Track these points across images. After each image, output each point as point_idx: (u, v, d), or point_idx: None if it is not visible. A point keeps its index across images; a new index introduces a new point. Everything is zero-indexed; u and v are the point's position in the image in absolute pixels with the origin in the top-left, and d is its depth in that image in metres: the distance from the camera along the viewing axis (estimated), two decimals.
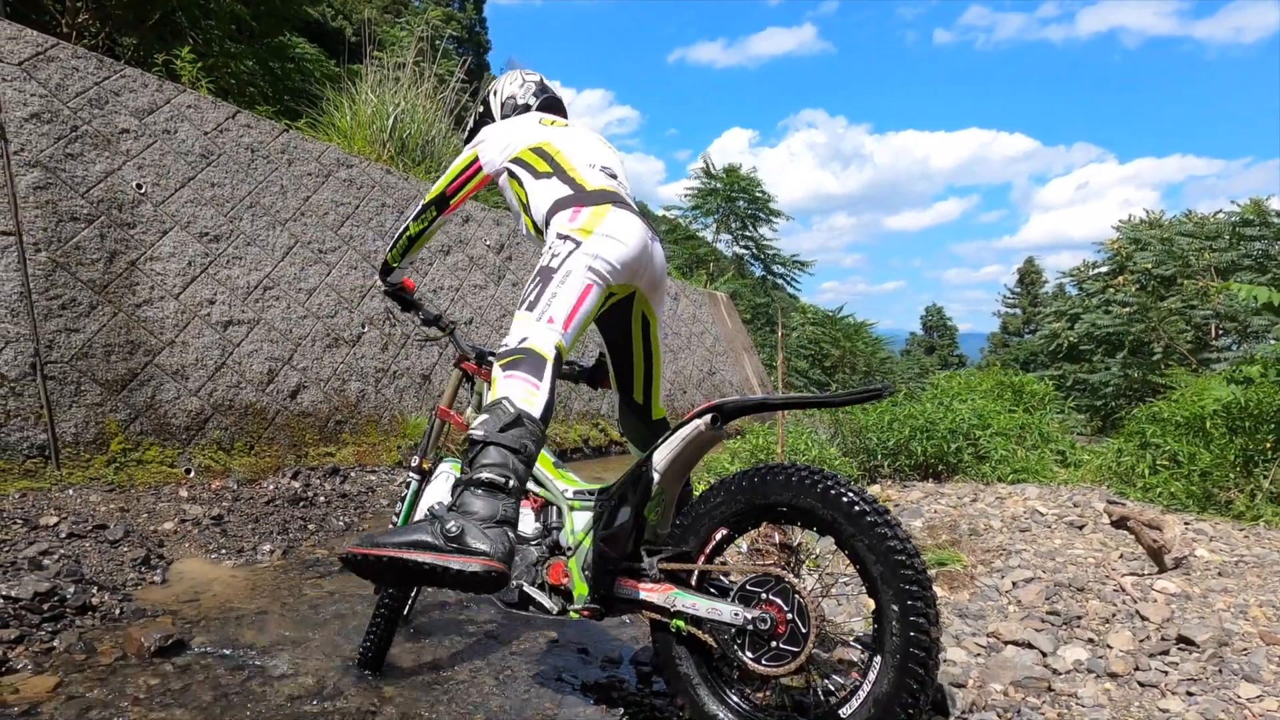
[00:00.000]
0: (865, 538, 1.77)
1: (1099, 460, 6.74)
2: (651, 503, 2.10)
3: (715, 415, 1.97)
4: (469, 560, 1.58)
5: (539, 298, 1.97)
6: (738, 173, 23.50)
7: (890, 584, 1.73)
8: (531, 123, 2.51)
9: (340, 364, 6.03)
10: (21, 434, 4.03)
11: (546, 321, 1.93)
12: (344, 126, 8.19)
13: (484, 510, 1.65)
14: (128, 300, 4.79)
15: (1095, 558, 3.76)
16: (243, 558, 3.78)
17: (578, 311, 1.98)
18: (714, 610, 1.92)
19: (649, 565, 2.05)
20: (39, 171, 4.61)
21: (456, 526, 1.61)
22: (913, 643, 1.70)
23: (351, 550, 1.68)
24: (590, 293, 2.01)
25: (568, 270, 2.00)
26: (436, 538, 1.61)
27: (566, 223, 2.11)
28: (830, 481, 1.84)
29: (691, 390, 12.11)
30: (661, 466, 2.06)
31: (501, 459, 1.71)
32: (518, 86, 2.87)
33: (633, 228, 2.15)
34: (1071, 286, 21.31)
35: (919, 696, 1.69)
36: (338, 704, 2.33)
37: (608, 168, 2.40)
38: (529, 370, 1.83)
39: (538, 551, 2.22)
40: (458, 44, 25.12)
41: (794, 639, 1.83)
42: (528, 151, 2.40)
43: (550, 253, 2.06)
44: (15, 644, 2.53)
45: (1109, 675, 2.49)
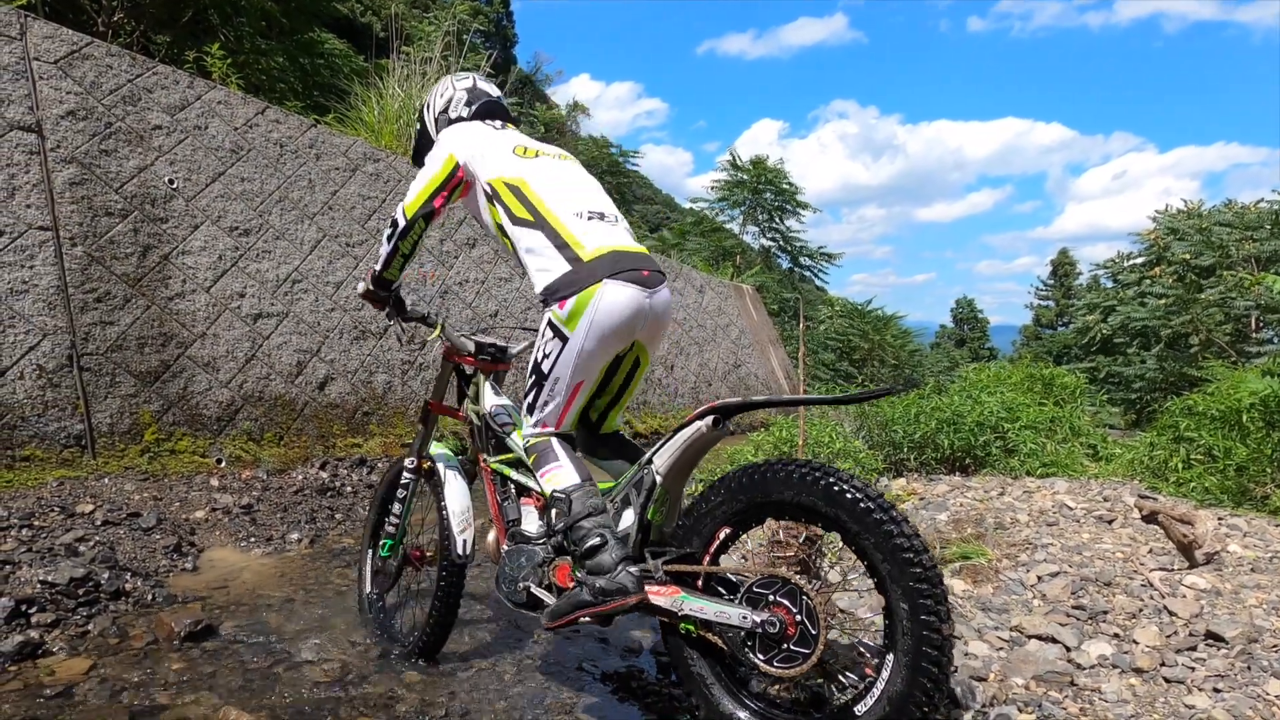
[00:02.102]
0: (871, 535, 1.74)
1: (1131, 454, 6.63)
2: (655, 505, 2.10)
3: (716, 417, 1.99)
4: (624, 601, 1.97)
5: (535, 404, 2.26)
6: (765, 164, 23.34)
7: (899, 581, 1.71)
8: (502, 146, 2.40)
9: (367, 356, 6.10)
10: (59, 424, 4.14)
11: (542, 427, 2.27)
12: (371, 121, 8.26)
13: (608, 561, 2.00)
14: (160, 293, 4.89)
15: (1124, 552, 3.71)
16: (271, 546, 3.85)
17: (570, 407, 2.26)
18: (722, 614, 1.91)
19: (654, 568, 2.04)
20: (75, 168, 4.71)
21: (599, 583, 1.99)
22: (925, 641, 1.68)
23: (550, 625, 2.11)
24: (581, 389, 2.24)
25: (556, 376, 2.20)
26: (596, 596, 2.00)
27: (557, 310, 2.15)
28: (832, 478, 1.81)
29: (717, 383, 12.09)
30: (663, 468, 2.08)
31: (587, 526, 2.06)
32: (447, 100, 2.69)
33: (624, 302, 2.13)
34: (1106, 278, 20.93)
35: (933, 694, 1.68)
36: (361, 690, 2.38)
37: (596, 211, 2.29)
38: (548, 461, 2.21)
39: (543, 552, 2.24)
40: (484, 38, 25.25)
41: (804, 640, 1.82)
42: (501, 185, 2.31)
43: (542, 349, 2.22)
44: (51, 628, 2.60)
45: (1134, 671, 2.45)
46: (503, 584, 2.30)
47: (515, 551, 2.30)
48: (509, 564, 2.29)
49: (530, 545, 2.28)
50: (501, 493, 2.49)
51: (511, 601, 2.27)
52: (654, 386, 10.28)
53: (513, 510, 2.43)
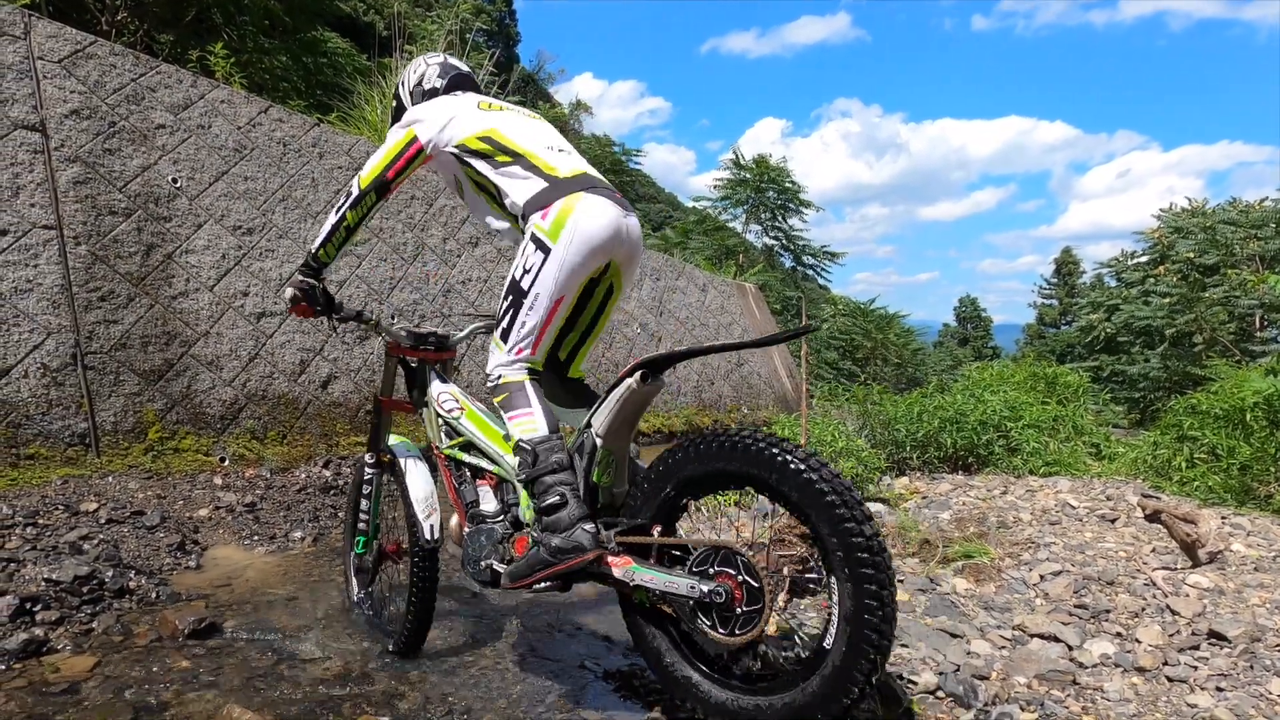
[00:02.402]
0: (796, 490, 1.79)
1: (1134, 453, 6.62)
2: (600, 467, 2.14)
3: (644, 372, 2.02)
4: (580, 559, 2.00)
5: (511, 326, 2.22)
6: (767, 163, 23.32)
7: (816, 508, 1.76)
8: (468, 106, 2.47)
9: (370, 355, 6.11)
10: (63, 422, 4.15)
11: (515, 353, 2.22)
12: (374, 120, 8.26)
13: (564, 520, 2.02)
14: (164, 292, 4.90)
15: (1126, 551, 3.70)
16: (275, 544, 3.86)
17: (548, 328, 2.23)
18: (670, 584, 1.93)
19: (607, 538, 2.05)
20: (78, 167, 4.72)
21: (555, 540, 2.02)
22: (855, 548, 1.71)
23: (510, 586, 2.16)
24: (561, 305, 2.22)
25: (537, 292, 2.18)
26: (553, 554, 2.03)
27: (540, 221, 2.19)
28: (763, 443, 1.85)
29: (720, 381, 12.09)
30: (601, 429, 2.11)
31: (548, 484, 2.06)
32: (421, 74, 2.77)
33: (603, 212, 2.21)
34: (1110, 277, 20.90)
35: (883, 601, 1.69)
36: (364, 688, 2.38)
37: (563, 148, 2.41)
38: (517, 405, 2.19)
39: (501, 529, 2.29)
40: (487, 37, 25.25)
41: (752, 607, 1.84)
42: (475, 140, 2.37)
43: (522, 264, 2.21)
44: (56, 625, 2.61)
45: (1136, 669, 2.45)
46: (467, 565, 2.36)
47: (475, 532, 2.35)
48: (470, 545, 2.34)
49: (488, 524, 2.33)
50: (457, 477, 2.52)
51: (478, 581, 2.32)
52: None
53: (470, 493, 2.47)
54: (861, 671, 1.71)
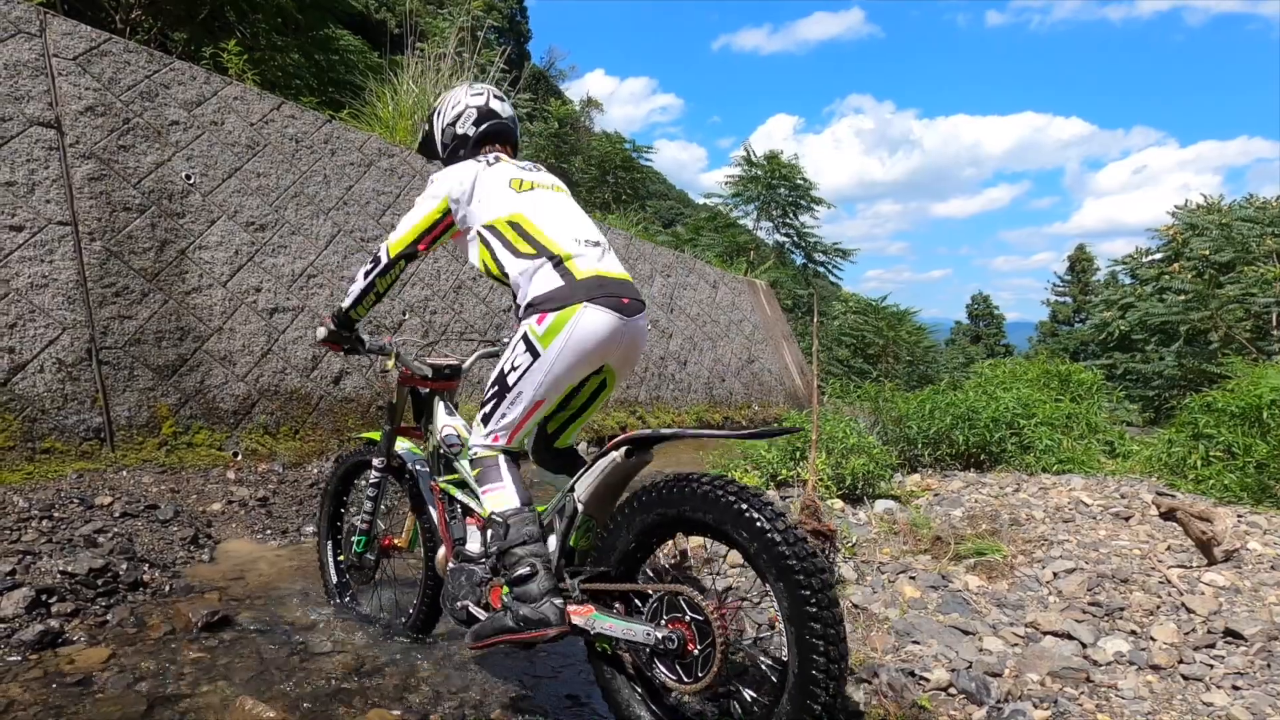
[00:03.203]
0: (708, 514, 1.84)
1: (1149, 451, 6.56)
2: (578, 532, 2.15)
3: (629, 448, 2.03)
4: (543, 632, 2.01)
5: (491, 414, 2.25)
6: (779, 160, 23.23)
7: (728, 520, 1.81)
8: (499, 184, 2.39)
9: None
10: (78, 417, 4.18)
11: (493, 440, 2.26)
12: (386, 117, 8.29)
13: (535, 591, 2.04)
14: (178, 288, 4.93)
15: (1141, 549, 3.67)
16: (287, 539, 3.88)
17: (525, 423, 2.26)
18: (629, 631, 1.94)
19: (571, 587, 2.07)
20: (93, 163, 4.76)
21: (522, 610, 2.04)
22: (771, 544, 1.73)
23: (473, 646, 2.16)
24: (540, 407, 2.24)
25: (519, 391, 2.20)
26: (518, 623, 2.04)
27: (534, 324, 2.16)
28: (726, 492, 1.85)
29: (730, 378, 12.07)
30: (584, 496, 2.12)
31: (520, 554, 2.09)
32: (459, 112, 2.64)
33: (599, 326, 2.15)
34: (1124, 274, 20.72)
35: (813, 589, 1.70)
36: (375, 681, 2.39)
37: (591, 240, 2.32)
38: (491, 478, 2.23)
39: (482, 572, 2.27)
40: (498, 34, 25.25)
41: (705, 639, 1.84)
42: (503, 224, 2.30)
43: (511, 360, 2.22)
44: (71, 617, 2.64)
45: (1151, 668, 2.43)
46: (445, 601, 2.36)
47: (458, 570, 2.34)
48: (451, 582, 2.34)
49: (471, 565, 2.32)
50: (449, 511, 2.53)
51: (454, 618, 2.33)
52: (667, 381, 10.27)
53: (459, 529, 2.48)
54: (819, 669, 1.69)
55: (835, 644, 1.69)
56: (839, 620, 1.72)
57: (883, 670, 2.38)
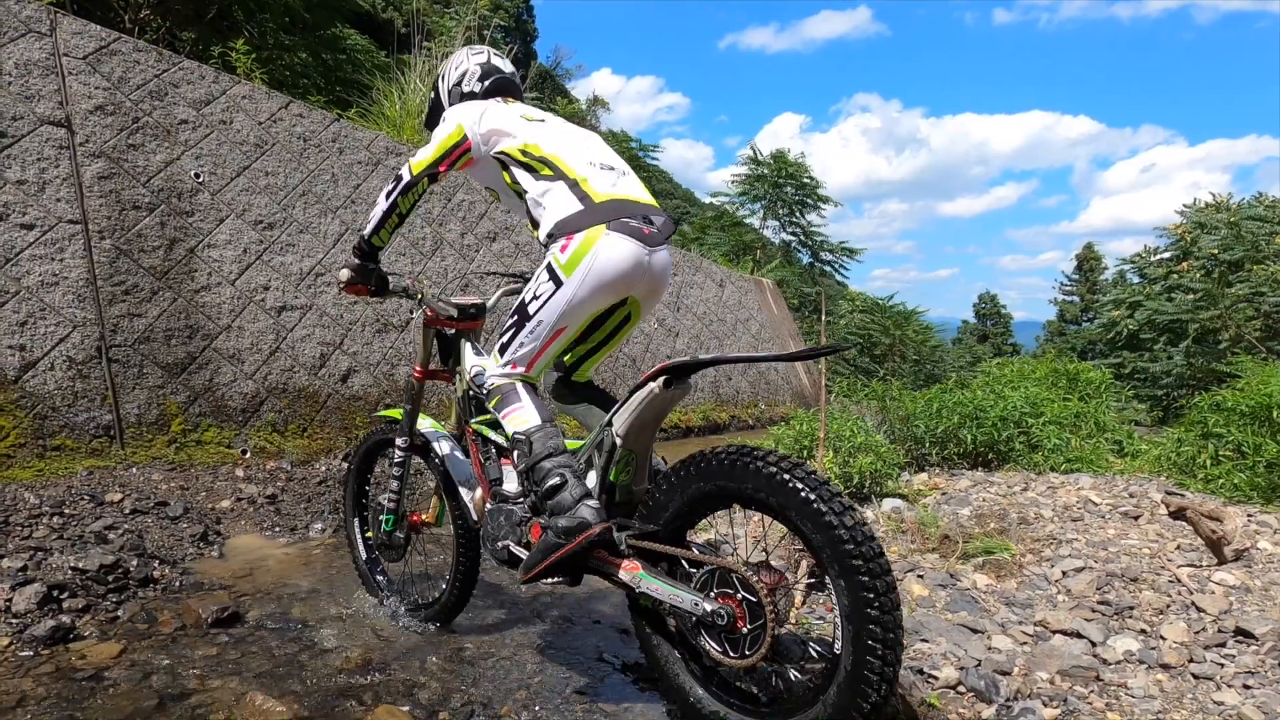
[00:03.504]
0: (773, 496, 1.79)
1: (1157, 450, 6.54)
2: (618, 466, 2.13)
3: (668, 377, 1.99)
4: (587, 535, 1.99)
5: (509, 343, 2.27)
6: (785, 158, 23.21)
7: (795, 508, 1.77)
8: (511, 115, 2.46)
9: (389, 349, 6.14)
10: (88, 414, 4.20)
11: (509, 368, 2.28)
12: (393, 115, 8.30)
13: (567, 499, 2.03)
14: (187, 286, 4.95)
15: (1150, 549, 3.66)
16: (295, 536, 3.89)
17: (543, 354, 2.27)
18: (675, 597, 1.92)
19: (619, 540, 2.05)
20: (103, 162, 4.78)
21: (561, 522, 2.02)
22: (839, 540, 1.70)
23: (525, 578, 2.14)
24: (561, 335, 2.25)
25: (540, 319, 2.21)
26: (560, 536, 2.03)
27: (558, 253, 2.19)
28: (783, 470, 1.82)
29: (737, 376, 12.06)
30: (622, 430, 2.10)
31: (548, 468, 2.09)
32: (463, 72, 2.72)
33: (623, 252, 2.16)
34: (1133, 273, 20.63)
35: (878, 591, 1.67)
36: (384, 677, 2.40)
37: (606, 164, 2.37)
38: (509, 403, 2.24)
39: (521, 510, 2.29)
40: (505, 33, 25.28)
41: (755, 631, 1.82)
42: (517, 151, 2.38)
43: (534, 290, 2.24)
44: (82, 613, 2.65)
45: (1161, 666, 2.43)
46: (486, 542, 2.38)
47: (496, 510, 2.36)
48: (490, 523, 2.36)
49: (509, 504, 2.33)
50: (483, 452, 2.53)
51: (495, 559, 2.35)
52: None
53: (494, 470, 2.48)
54: (873, 670, 1.67)
55: (893, 647, 1.67)
56: (900, 624, 1.69)
57: None
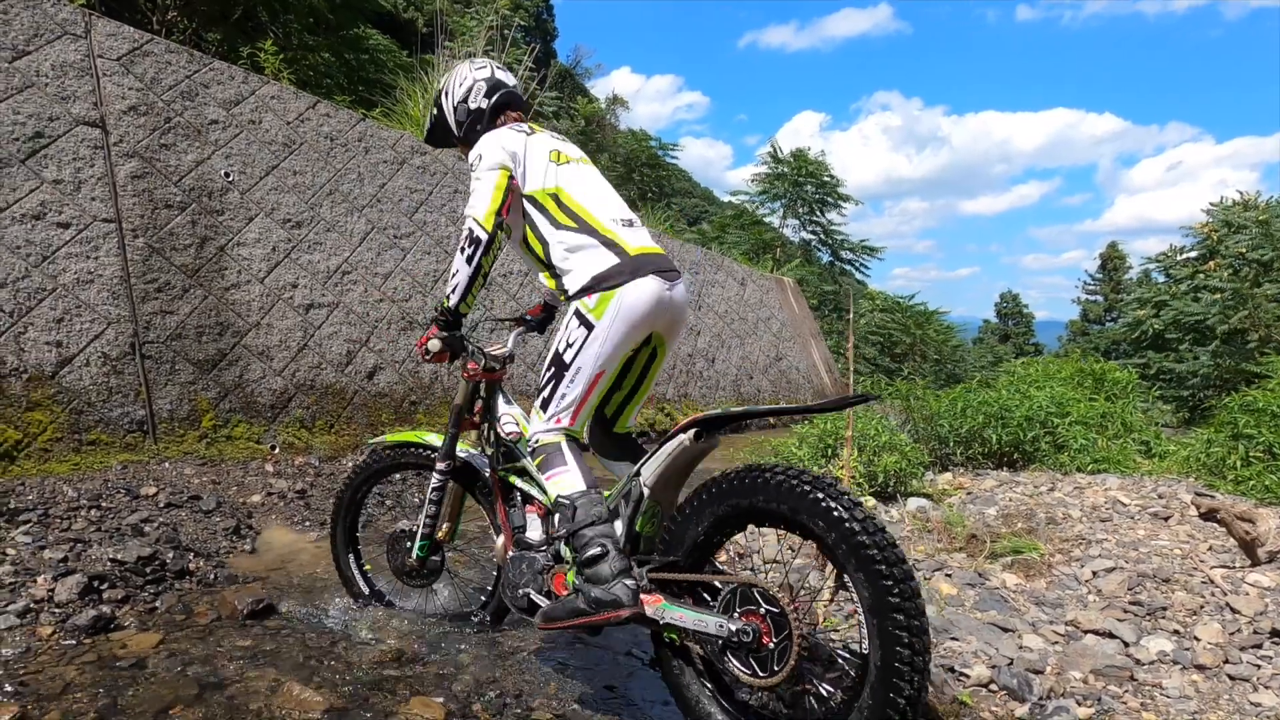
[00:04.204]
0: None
1: (1186, 451, 6.47)
2: (644, 517, 2.13)
3: (698, 430, 1.99)
4: (617, 614, 2.02)
5: (551, 396, 2.28)
6: (806, 157, 23.11)
7: (804, 509, 1.77)
8: (543, 153, 2.45)
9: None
10: (122, 410, 4.27)
11: (555, 423, 2.28)
12: (416, 115, 8.36)
13: (605, 573, 2.04)
14: (217, 284, 5.02)
15: (1182, 549, 3.63)
16: (325, 531, 3.93)
17: (586, 401, 2.28)
18: (700, 622, 1.92)
19: (639, 575, 2.05)
20: (136, 161, 4.85)
21: (594, 593, 2.05)
22: (851, 533, 1.71)
23: (543, 627, 2.18)
24: (601, 379, 2.26)
25: (578, 367, 2.23)
26: (590, 605, 2.05)
27: (586, 300, 2.24)
28: (808, 485, 1.81)
29: (758, 375, 12.04)
30: (650, 480, 2.10)
31: (590, 535, 2.10)
32: (468, 88, 2.67)
33: (646, 296, 2.23)
34: (1158, 272, 20.40)
35: (896, 578, 1.68)
36: (417, 670, 2.43)
37: (626, 219, 2.42)
38: (554, 464, 2.24)
39: (543, 559, 2.30)
40: (525, 32, 25.35)
41: (781, 648, 1.81)
42: (543, 195, 2.39)
43: (566, 338, 2.27)
44: (122, 603, 2.70)
45: (1196, 667, 2.40)
46: (506, 589, 2.39)
47: (518, 558, 2.37)
48: (512, 570, 2.37)
49: (532, 553, 2.35)
50: (508, 500, 2.55)
51: (514, 606, 2.36)
52: (695, 379, 10.27)
53: (518, 517, 2.50)
54: (903, 661, 1.66)
55: (919, 635, 1.67)
56: (922, 611, 1.69)
57: None
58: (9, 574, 2.66)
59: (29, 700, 2.05)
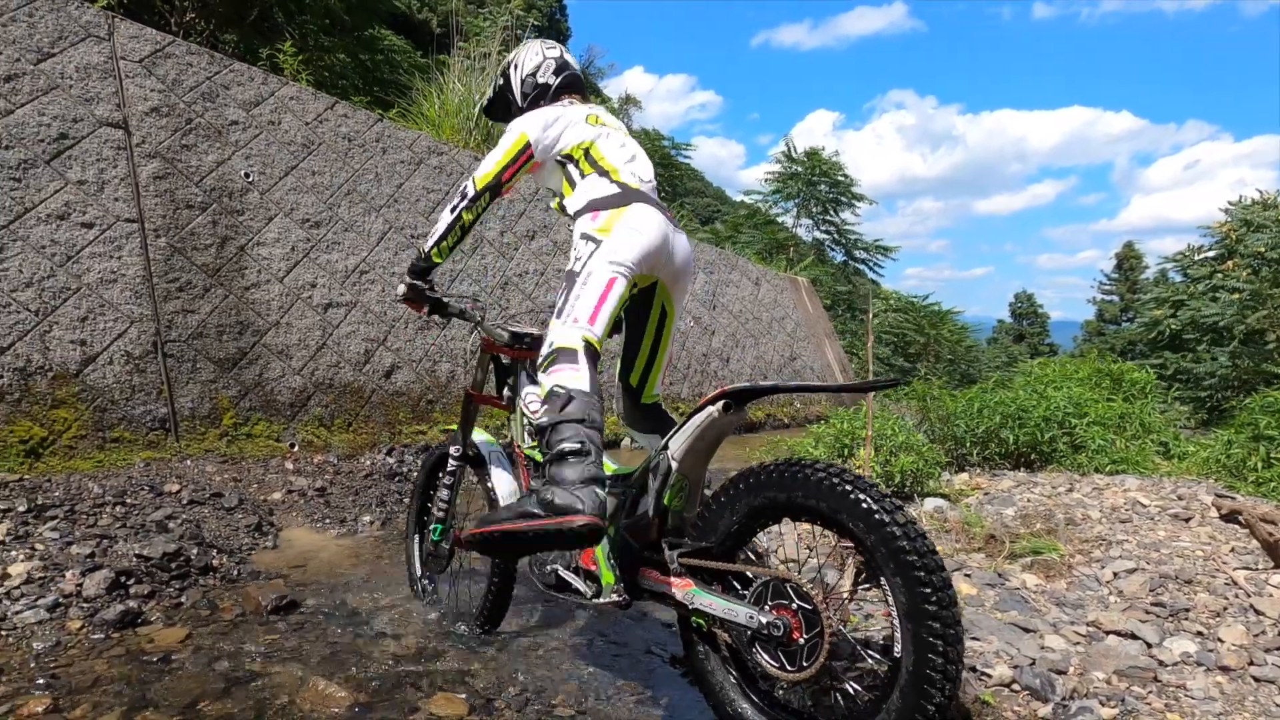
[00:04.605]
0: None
1: (1205, 452, 6.41)
2: (672, 491, 2.10)
3: (727, 402, 1.96)
4: (568, 519, 1.80)
5: (565, 303, 2.16)
6: (819, 156, 23.08)
7: (845, 510, 1.76)
8: (578, 118, 2.56)
9: (431, 345, 6.23)
10: (145, 408, 4.32)
11: (572, 322, 2.11)
12: (432, 115, 8.40)
13: (571, 474, 1.84)
14: (237, 283, 5.06)
15: (1203, 551, 3.60)
16: (345, 527, 3.97)
17: (603, 305, 2.14)
18: (729, 611, 1.91)
19: (670, 559, 2.04)
20: (158, 162, 4.91)
21: (551, 494, 1.83)
22: (892, 538, 1.69)
23: (470, 533, 1.98)
24: (614, 284, 2.17)
25: (589, 271, 2.17)
26: (537, 507, 1.85)
27: (589, 223, 2.27)
28: (848, 483, 1.80)
29: (772, 375, 12.02)
30: (678, 454, 2.07)
31: (573, 430, 1.92)
32: (538, 64, 2.80)
33: (651, 220, 2.27)
34: (1175, 272, 20.23)
35: (935, 586, 1.66)
36: (439, 665, 2.44)
37: (647, 180, 2.51)
38: (565, 361, 2.04)
39: None
40: (539, 33, 25.42)
41: (811, 644, 1.81)
42: (578, 150, 2.49)
43: (574, 256, 2.24)
44: (148, 598, 2.73)
45: (1220, 669, 2.39)
46: (534, 566, 2.40)
47: None
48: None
49: None
50: (534, 476, 2.55)
51: (542, 583, 2.36)
52: (710, 378, 10.27)
53: None
54: (935, 669, 1.65)
55: (954, 644, 1.66)
56: (958, 619, 1.68)
57: None
58: (38, 569, 2.69)
59: (60, 693, 2.08)
